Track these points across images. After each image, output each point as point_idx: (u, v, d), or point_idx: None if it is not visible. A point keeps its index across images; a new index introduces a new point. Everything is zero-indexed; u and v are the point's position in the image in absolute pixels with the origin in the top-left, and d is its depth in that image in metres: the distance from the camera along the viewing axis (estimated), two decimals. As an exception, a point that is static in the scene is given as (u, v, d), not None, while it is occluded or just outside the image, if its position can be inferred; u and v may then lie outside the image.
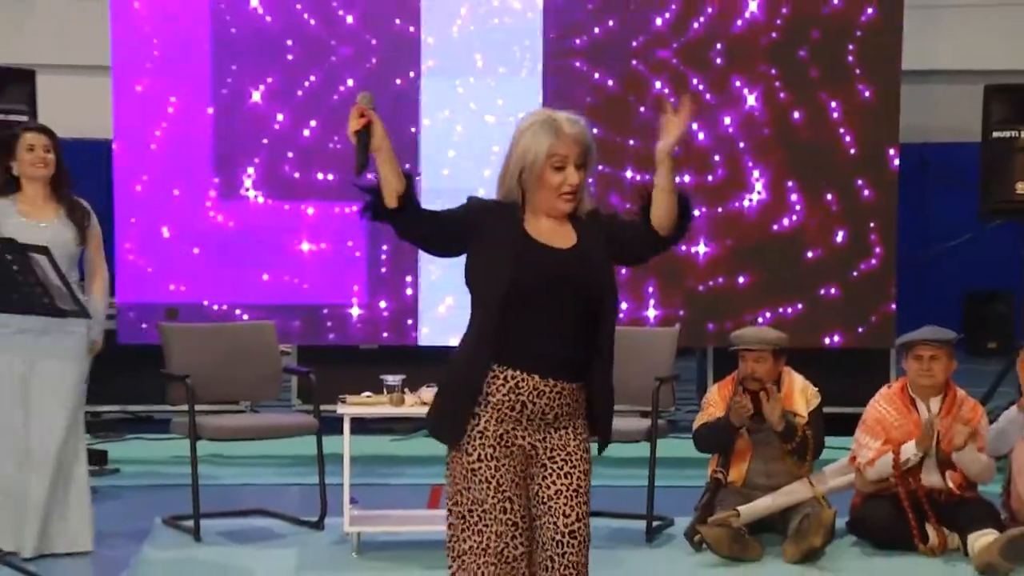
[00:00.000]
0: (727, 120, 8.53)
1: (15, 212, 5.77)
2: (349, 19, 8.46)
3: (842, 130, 8.56)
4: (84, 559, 5.75)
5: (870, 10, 8.51)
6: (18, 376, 5.68)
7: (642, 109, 8.40)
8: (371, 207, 3.69)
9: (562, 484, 3.66)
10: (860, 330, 8.58)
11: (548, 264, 3.65)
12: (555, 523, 3.65)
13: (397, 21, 8.46)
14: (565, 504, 3.65)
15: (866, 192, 8.57)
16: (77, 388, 5.81)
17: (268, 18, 8.45)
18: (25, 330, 5.57)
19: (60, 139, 5.95)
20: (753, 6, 8.53)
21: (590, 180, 3.81)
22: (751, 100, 8.55)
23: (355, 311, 8.55)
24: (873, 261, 8.59)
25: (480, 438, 3.63)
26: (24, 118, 7.86)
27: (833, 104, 8.54)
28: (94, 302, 5.82)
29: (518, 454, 3.66)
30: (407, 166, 3.69)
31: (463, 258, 3.78)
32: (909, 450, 5.91)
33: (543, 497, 3.67)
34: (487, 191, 3.85)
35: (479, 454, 3.63)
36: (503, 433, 3.64)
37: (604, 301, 3.69)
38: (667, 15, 8.52)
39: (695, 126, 8.15)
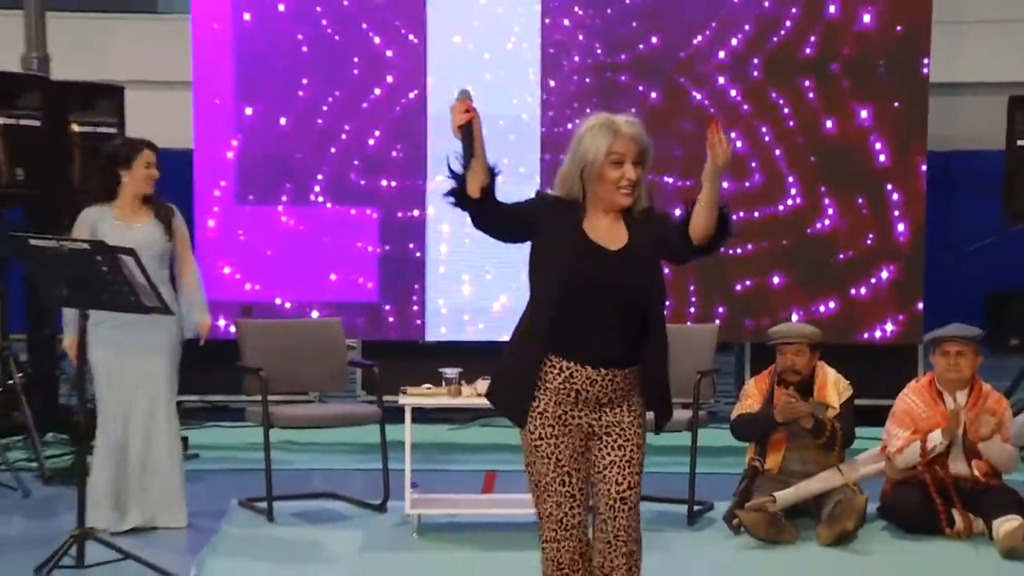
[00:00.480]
0: (763, 129, 8.47)
1: (111, 216, 5.85)
2: (411, 37, 8.48)
3: (872, 139, 8.48)
4: (170, 536, 5.81)
5: (898, 28, 8.43)
6: (116, 368, 5.77)
7: (684, 122, 8.37)
8: (454, 194, 3.68)
9: (615, 456, 3.77)
10: (889, 327, 8.50)
11: (598, 269, 3.70)
12: (608, 490, 3.77)
13: (457, 39, 8.47)
14: (618, 473, 3.77)
15: (895, 197, 8.49)
16: (169, 378, 5.90)
17: (336, 37, 8.49)
18: (121, 326, 5.63)
19: None
20: (788, 24, 8.47)
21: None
22: (786, 110, 8.50)
23: (415, 308, 8.58)
24: (901, 262, 8.51)
25: (540, 418, 3.74)
26: (113, 130, 7.94)
27: (864, 114, 8.46)
28: (189, 290, 5.99)
29: (575, 432, 3.76)
30: (494, 162, 3.69)
31: (517, 258, 3.82)
32: (935, 438, 5.84)
33: (599, 467, 3.79)
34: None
35: (540, 432, 3.75)
36: (561, 414, 3.74)
37: (650, 301, 3.74)
38: (707, 32, 8.48)
39: (732, 135, 8.12)
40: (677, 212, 3.81)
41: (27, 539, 5.81)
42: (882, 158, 8.47)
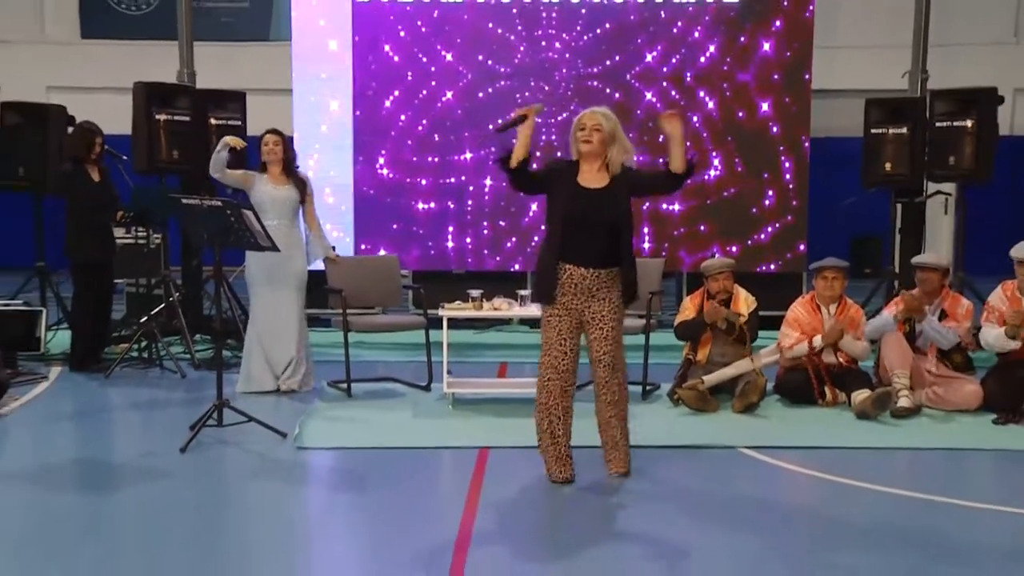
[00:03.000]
0: (695, 118, 8.28)
1: (264, 181, 5.98)
2: (448, 57, 8.26)
3: (772, 126, 8.29)
4: (283, 403, 5.76)
5: (788, 53, 8.24)
6: (267, 282, 5.93)
7: (638, 112, 8.20)
8: (501, 162, 4.07)
9: (598, 334, 4.21)
10: (781, 262, 8.38)
11: (587, 202, 4.12)
12: (597, 353, 4.23)
13: (502, 70, 8.25)
14: (600, 345, 4.22)
15: (787, 164, 8.32)
16: (301, 287, 6.05)
17: (395, 58, 8.29)
18: (271, 257, 5.63)
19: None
20: (712, 48, 8.27)
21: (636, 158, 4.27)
22: (710, 105, 8.30)
23: (450, 245, 8.45)
24: (790, 217, 8.35)
25: (553, 304, 4.19)
26: (239, 124, 7.84)
27: (765, 108, 8.27)
28: (318, 235, 6.10)
29: (574, 313, 4.19)
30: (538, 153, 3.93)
31: (525, 208, 3.98)
32: (818, 341, 5.78)
33: (592, 337, 4.22)
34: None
35: (551, 312, 4.21)
36: (566, 301, 4.18)
37: (622, 223, 4.14)
38: (655, 53, 8.28)
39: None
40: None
41: (184, 406, 5.75)
42: (778, 139, 8.29)
